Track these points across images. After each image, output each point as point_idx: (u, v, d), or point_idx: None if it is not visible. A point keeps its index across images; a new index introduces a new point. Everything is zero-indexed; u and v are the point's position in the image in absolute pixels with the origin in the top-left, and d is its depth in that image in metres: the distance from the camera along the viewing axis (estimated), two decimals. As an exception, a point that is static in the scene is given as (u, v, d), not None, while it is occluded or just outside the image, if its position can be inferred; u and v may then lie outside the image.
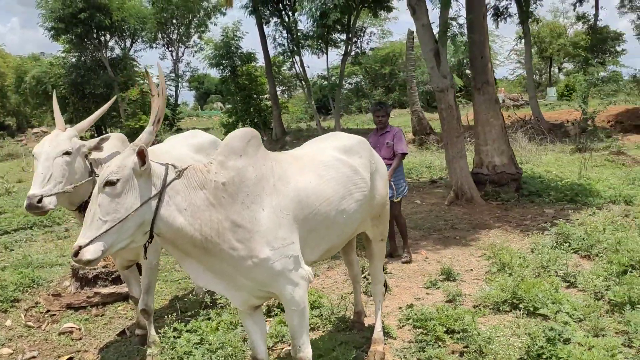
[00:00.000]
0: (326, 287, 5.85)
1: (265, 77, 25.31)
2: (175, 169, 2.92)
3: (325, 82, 26.87)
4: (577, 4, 21.53)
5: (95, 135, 32.27)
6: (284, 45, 23.04)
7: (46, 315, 5.33)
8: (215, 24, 43.92)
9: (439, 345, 4.21)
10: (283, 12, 23.29)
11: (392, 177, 6.12)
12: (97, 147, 4.00)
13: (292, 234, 3.17)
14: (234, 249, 2.94)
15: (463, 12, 9.37)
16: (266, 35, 23.88)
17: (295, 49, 22.77)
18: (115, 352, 4.63)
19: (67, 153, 3.72)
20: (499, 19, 17.31)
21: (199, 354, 4.18)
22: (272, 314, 5.07)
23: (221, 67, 25.55)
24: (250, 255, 2.97)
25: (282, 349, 4.45)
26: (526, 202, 9.16)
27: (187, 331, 4.47)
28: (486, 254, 6.49)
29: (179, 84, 40.61)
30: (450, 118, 8.90)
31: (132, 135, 28.78)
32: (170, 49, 39.27)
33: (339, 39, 23.09)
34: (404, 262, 6.50)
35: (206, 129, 32.77)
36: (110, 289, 5.59)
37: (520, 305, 4.76)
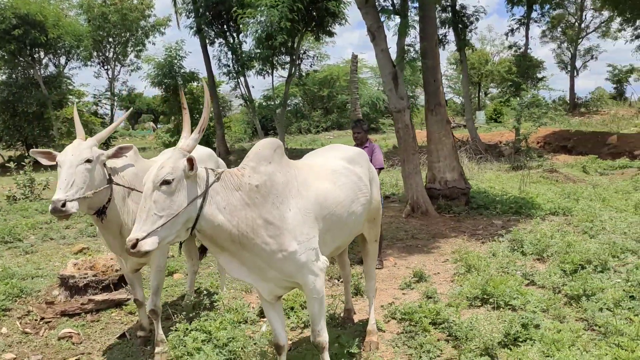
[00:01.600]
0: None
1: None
2: (215, 173, 3.31)
3: (269, 103, 27.28)
4: (510, 34, 23.31)
5: (26, 153, 31.28)
6: (229, 66, 23.34)
7: (41, 323, 5.45)
8: (154, 43, 43.63)
9: (426, 335, 4.70)
10: (227, 34, 23.65)
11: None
12: (115, 156, 4.30)
13: (314, 230, 3.60)
14: (266, 243, 3.34)
15: (418, 38, 10.11)
16: (211, 56, 24.16)
17: (240, 70, 23.12)
18: (120, 353, 4.85)
19: (88, 161, 4.00)
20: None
21: (208, 349, 4.49)
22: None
23: (163, 86, 25.50)
24: (280, 249, 3.37)
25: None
26: (475, 215, 9.91)
27: (194, 330, 4.76)
28: (450, 259, 7.12)
29: (114, 103, 39.96)
30: (407, 137, 9.56)
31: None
32: (105, 67, 38.70)
33: (282, 61, 23.59)
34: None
35: (142, 149, 32.39)
36: (104, 296, 5.77)
37: (491, 300, 5.35)
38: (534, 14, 23.20)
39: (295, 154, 25.04)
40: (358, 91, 21.92)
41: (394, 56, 9.39)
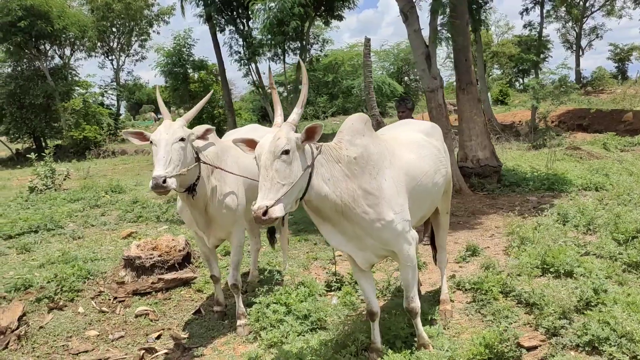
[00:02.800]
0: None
1: (217, 85, 25.51)
2: (316, 146, 3.43)
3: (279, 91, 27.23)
4: (525, 13, 23.41)
5: (34, 145, 31.32)
6: (239, 52, 23.34)
7: (115, 302, 5.60)
8: (158, 33, 43.43)
9: (496, 303, 4.84)
10: (238, 20, 23.62)
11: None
12: (203, 137, 4.43)
13: (406, 201, 3.74)
14: (366, 213, 3.48)
15: (447, 19, 10.17)
16: (222, 44, 24.14)
17: (251, 56, 23.12)
18: (200, 328, 5.01)
19: (182, 139, 4.13)
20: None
21: (291, 319, 4.64)
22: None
23: (173, 75, 25.51)
24: (378, 218, 3.51)
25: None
26: (508, 192, 10.05)
27: (273, 303, 4.91)
28: (496, 234, 7.27)
29: (122, 94, 39.94)
30: (440, 116, 9.67)
31: (76, 145, 28.24)
32: (110, 57, 38.60)
33: (293, 47, 23.59)
34: (424, 244, 7.13)
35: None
36: (172, 275, 5.92)
37: (551, 269, 5.49)
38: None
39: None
40: (372, 75, 21.97)
41: (425, 36, 9.48)
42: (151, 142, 4.09)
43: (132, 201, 11.09)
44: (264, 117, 41.45)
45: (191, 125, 4.45)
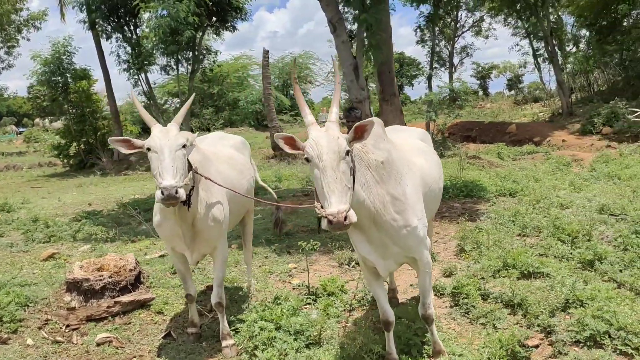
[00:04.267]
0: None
1: (99, 95, 24.17)
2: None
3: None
4: (418, 30, 24.63)
5: None
6: (128, 61, 22.24)
7: (67, 330, 4.99)
8: (28, 39, 40.10)
9: (478, 306, 4.92)
10: (126, 28, 22.52)
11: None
12: (193, 144, 4.08)
13: (423, 207, 3.70)
14: (395, 220, 3.40)
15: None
16: (109, 52, 22.89)
17: (142, 66, 22.13)
18: (177, 352, 4.59)
19: (184, 146, 3.79)
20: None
21: (283, 335, 4.39)
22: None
23: (52, 84, 23.68)
24: (405, 224, 3.45)
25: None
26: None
27: (260, 320, 4.61)
28: (440, 239, 7.46)
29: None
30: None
31: None
32: (-30, 65, 35.07)
33: (186, 57, 22.89)
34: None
35: (9, 154, 29.71)
36: (130, 297, 5.39)
37: (514, 270, 5.69)
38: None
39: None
40: (271, 87, 21.92)
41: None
42: (148, 149, 3.70)
43: (32, 220, 10.05)
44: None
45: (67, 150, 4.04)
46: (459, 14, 39.47)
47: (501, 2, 23.40)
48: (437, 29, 41.75)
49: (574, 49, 27.82)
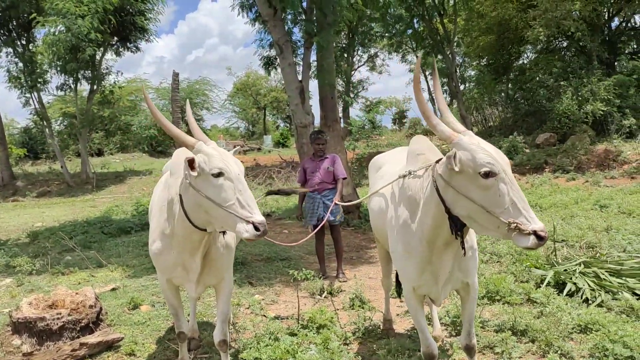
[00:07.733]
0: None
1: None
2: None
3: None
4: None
5: None
6: (20, 78, 20.47)
7: (26, 380, 4.21)
8: None
9: (481, 334, 4.78)
10: (17, 42, 20.80)
11: (336, 201, 6.50)
12: None
13: None
14: (465, 240, 3.16)
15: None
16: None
17: (35, 84, 20.48)
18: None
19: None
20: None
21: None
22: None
23: None
24: (472, 245, 3.31)
25: None
26: (369, 226, 10.25)
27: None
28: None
29: None
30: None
31: None
32: None
33: (86, 76, 21.50)
34: (342, 282, 6.84)
35: None
36: (98, 338, 4.67)
37: (497, 298, 5.64)
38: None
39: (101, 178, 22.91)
40: (180, 111, 21.10)
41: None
42: (219, 174, 3.11)
43: None
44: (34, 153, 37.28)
45: None
46: (355, 50, 40.83)
47: (415, 41, 24.40)
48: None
49: (463, 87, 29.61)
